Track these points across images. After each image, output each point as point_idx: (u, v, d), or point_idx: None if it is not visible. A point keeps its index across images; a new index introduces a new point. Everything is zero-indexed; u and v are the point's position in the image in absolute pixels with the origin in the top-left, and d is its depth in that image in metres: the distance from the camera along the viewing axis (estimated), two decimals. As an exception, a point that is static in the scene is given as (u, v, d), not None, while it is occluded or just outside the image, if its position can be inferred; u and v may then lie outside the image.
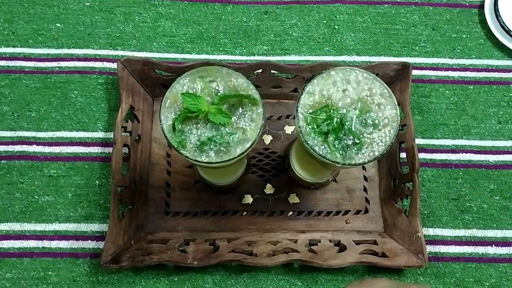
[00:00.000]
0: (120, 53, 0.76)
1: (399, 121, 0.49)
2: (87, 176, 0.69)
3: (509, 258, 0.67)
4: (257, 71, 0.70)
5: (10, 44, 0.76)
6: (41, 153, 0.70)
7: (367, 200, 0.69)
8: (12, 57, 0.75)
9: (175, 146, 0.48)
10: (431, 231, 0.68)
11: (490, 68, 0.78)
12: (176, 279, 0.64)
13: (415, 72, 0.76)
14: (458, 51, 0.79)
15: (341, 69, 0.50)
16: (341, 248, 0.64)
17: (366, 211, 0.68)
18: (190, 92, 0.49)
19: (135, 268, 0.64)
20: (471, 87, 0.77)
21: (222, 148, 0.48)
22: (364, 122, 0.48)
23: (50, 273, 0.64)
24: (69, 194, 0.68)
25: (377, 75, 0.60)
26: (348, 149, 0.47)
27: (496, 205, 0.70)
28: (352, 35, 0.80)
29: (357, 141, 0.47)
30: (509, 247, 0.67)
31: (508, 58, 0.79)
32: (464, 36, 0.80)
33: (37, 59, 0.75)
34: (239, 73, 0.50)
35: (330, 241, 0.65)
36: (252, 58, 0.77)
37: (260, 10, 0.81)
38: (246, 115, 0.50)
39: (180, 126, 0.48)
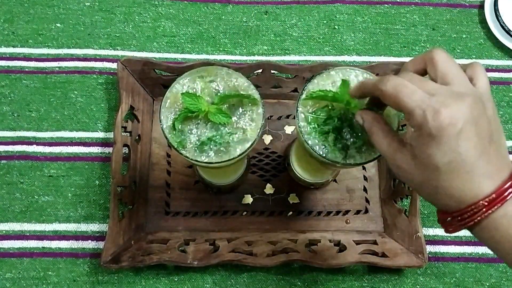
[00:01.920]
0: (120, 53, 0.76)
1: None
2: (87, 176, 0.69)
3: (509, 258, 0.67)
4: (257, 71, 0.70)
5: (10, 44, 0.76)
6: (41, 153, 0.70)
7: (367, 200, 0.69)
8: (12, 57, 0.75)
9: (175, 146, 0.48)
10: (431, 231, 0.68)
11: (490, 68, 0.78)
12: (176, 279, 0.64)
13: (415, 72, 0.76)
14: (458, 51, 0.79)
15: (341, 69, 0.49)
16: (341, 248, 0.64)
17: (366, 211, 0.68)
18: (190, 92, 0.49)
19: (135, 268, 0.64)
20: (471, 87, 0.76)
21: (222, 148, 0.48)
22: (364, 122, 0.48)
23: (50, 273, 0.64)
24: (69, 194, 0.68)
25: (377, 75, 0.60)
26: (348, 149, 0.47)
27: (496, 205, 0.70)
28: (352, 35, 0.79)
29: (357, 141, 0.47)
30: (509, 247, 0.67)
31: (508, 58, 0.79)
32: (464, 36, 0.80)
33: (37, 59, 0.75)
34: (239, 73, 0.50)
35: (330, 241, 0.65)
36: (252, 58, 0.77)
37: (260, 10, 0.81)
38: (246, 115, 0.50)
39: (180, 126, 0.48)
